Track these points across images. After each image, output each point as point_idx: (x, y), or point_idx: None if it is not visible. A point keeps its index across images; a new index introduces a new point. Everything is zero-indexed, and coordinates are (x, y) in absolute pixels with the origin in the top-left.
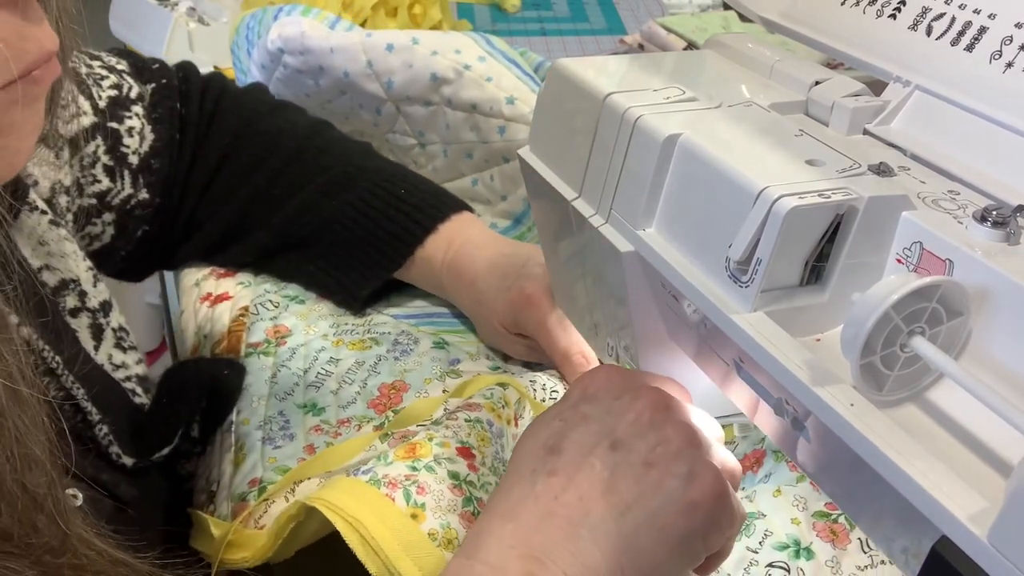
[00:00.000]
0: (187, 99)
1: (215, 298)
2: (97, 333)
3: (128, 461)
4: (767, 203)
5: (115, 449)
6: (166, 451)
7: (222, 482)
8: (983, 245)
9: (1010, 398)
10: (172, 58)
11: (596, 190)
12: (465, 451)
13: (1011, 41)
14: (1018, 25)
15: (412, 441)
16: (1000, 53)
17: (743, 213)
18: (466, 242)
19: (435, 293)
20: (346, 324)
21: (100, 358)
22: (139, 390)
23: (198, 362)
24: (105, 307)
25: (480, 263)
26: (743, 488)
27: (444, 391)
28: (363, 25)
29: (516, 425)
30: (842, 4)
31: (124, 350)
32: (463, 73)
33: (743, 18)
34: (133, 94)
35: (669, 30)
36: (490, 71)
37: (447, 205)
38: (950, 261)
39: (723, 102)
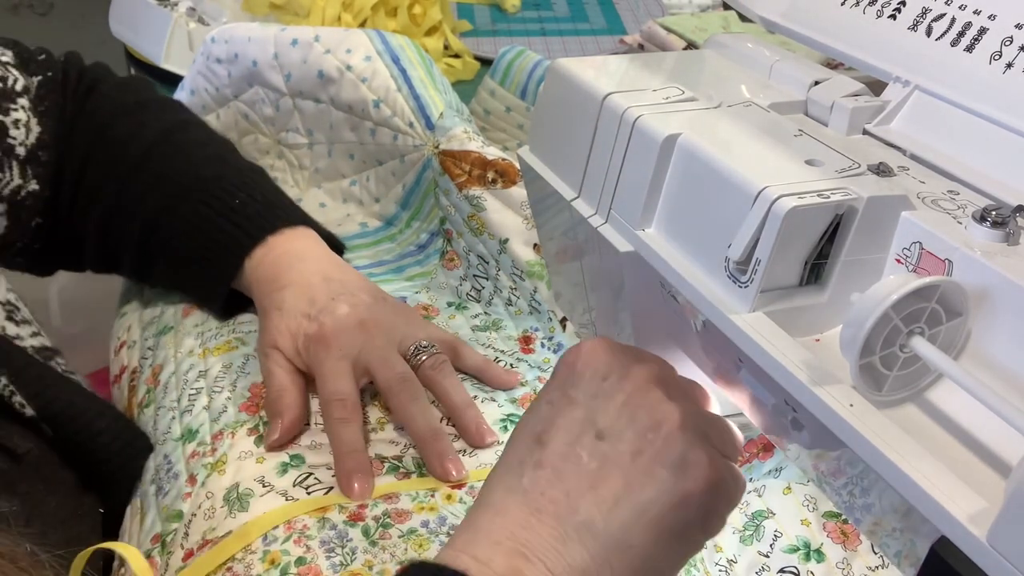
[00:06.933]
0: (66, 93)
1: (115, 377)
2: None
3: (30, 411)
4: (766, 203)
5: (18, 399)
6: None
7: (130, 543)
8: (982, 245)
9: (1009, 398)
10: (173, 59)
11: (595, 190)
12: None
13: (1011, 42)
14: (1018, 26)
15: (352, 568)
16: (1000, 54)
17: (742, 213)
18: (286, 252)
19: None
20: (210, 330)
21: None
22: (38, 359)
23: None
24: None
25: (296, 274)
26: (751, 479)
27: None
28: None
29: (458, 493)
30: (842, 4)
31: (16, 323)
32: (344, 73)
33: (743, 18)
34: (19, 87)
35: (669, 30)
36: (368, 72)
37: (280, 218)
38: (949, 261)
39: (723, 102)
